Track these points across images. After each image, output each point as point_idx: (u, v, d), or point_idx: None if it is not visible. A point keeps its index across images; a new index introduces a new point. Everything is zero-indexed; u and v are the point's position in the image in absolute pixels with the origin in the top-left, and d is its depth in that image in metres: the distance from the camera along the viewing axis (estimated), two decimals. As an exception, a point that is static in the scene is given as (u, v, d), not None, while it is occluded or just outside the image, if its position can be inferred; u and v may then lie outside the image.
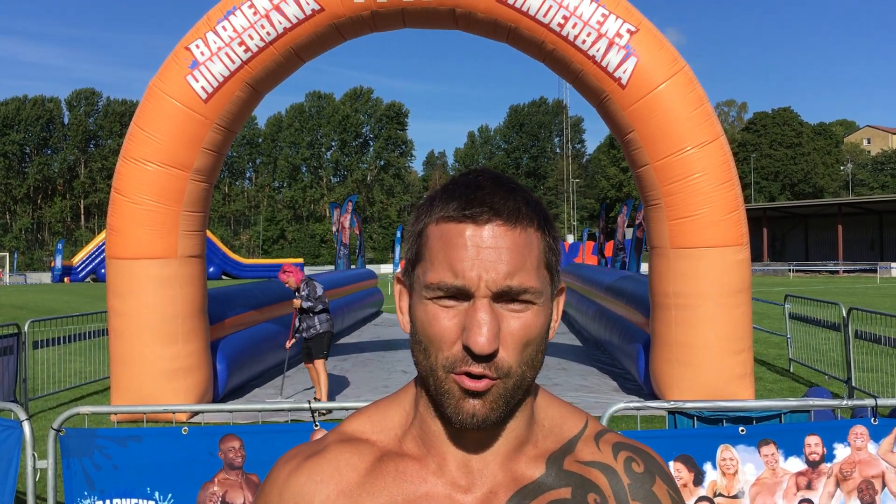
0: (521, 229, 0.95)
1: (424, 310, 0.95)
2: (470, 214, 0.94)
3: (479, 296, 0.92)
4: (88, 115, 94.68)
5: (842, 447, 3.64)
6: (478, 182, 0.97)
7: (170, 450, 3.76)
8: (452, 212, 0.95)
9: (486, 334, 0.90)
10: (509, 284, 0.92)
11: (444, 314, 0.93)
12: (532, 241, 0.96)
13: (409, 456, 1.01)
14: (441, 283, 0.93)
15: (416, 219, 1.01)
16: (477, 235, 0.93)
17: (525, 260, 0.94)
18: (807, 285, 37.60)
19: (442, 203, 0.97)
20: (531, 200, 0.98)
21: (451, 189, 0.98)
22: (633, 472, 1.04)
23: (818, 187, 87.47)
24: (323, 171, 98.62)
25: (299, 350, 12.67)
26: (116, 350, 8.86)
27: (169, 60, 8.85)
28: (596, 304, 15.35)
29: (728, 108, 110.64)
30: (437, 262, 0.94)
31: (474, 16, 8.75)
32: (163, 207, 8.77)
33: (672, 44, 8.73)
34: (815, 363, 11.62)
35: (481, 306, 0.91)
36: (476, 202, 0.94)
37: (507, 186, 0.98)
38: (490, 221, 0.93)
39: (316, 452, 1.05)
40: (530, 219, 0.96)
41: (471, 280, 0.91)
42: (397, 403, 1.07)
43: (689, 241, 8.54)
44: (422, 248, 0.98)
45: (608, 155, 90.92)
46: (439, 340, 0.93)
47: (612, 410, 3.98)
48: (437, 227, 0.96)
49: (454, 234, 0.94)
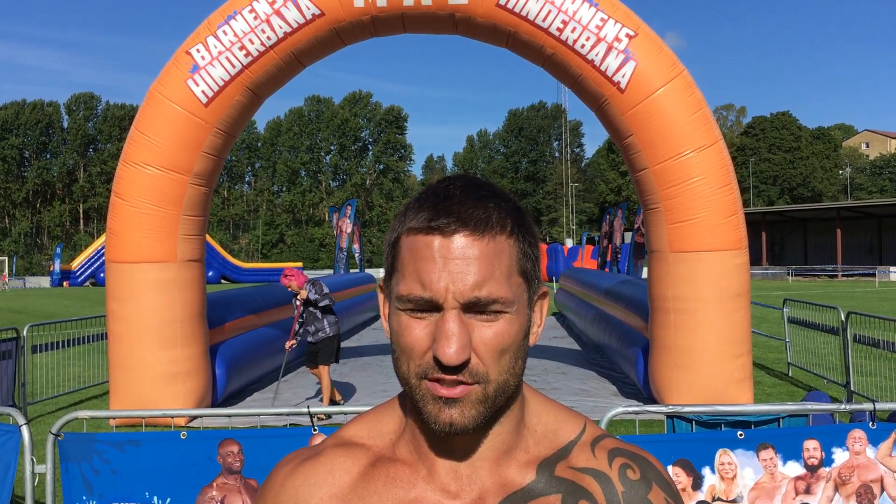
0: (490, 238, 0.94)
1: (398, 320, 0.96)
2: (437, 226, 0.94)
3: (448, 307, 0.92)
4: (87, 119, 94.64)
5: (840, 451, 3.65)
6: (447, 191, 0.97)
7: (168, 454, 3.76)
8: (421, 223, 0.95)
9: (455, 345, 0.90)
10: (477, 295, 0.92)
11: (416, 324, 0.94)
12: (502, 249, 0.95)
13: (401, 461, 1.02)
14: (410, 296, 0.93)
15: (391, 228, 1.01)
16: (444, 247, 0.93)
17: (494, 269, 0.93)
18: (806, 289, 37.61)
19: (413, 213, 0.97)
20: (504, 206, 0.97)
21: (422, 199, 0.98)
22: (627, 480, 1.04)
23: (817, 191, 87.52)
24: (322, 176, 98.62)
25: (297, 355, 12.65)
26: (115, 354, 8.85)
27: (170, 65, 8.86)
28: (595, 308, 15.35)
29: (727, 113, 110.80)
30: (407, 274, 0.95)
31: (473, 20, 8.77)
32: (162, 211, 8.78)
33: (672, 48, 8.76)
34: (814, 367, 11.62)
35: (450, 318, 0.92)
36: (443, 212, 0.94)
37: (477, 194, 0.97)
38: (457, 232, 0.93)
39: (312, 456, 1.06)
40: (501, 226, 0.95)
41: (438, 292, 0.92)
42: (392, 409, 1.08)
43: (688, 244, 8.55)
44: (395, 259, 0.98)
45: (607, 159, 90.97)
46: (411, 350, 0.94)
47: (610, 415, 3.98)
48: (407, 239, 0.96)
49: (422, 246, 0.94)
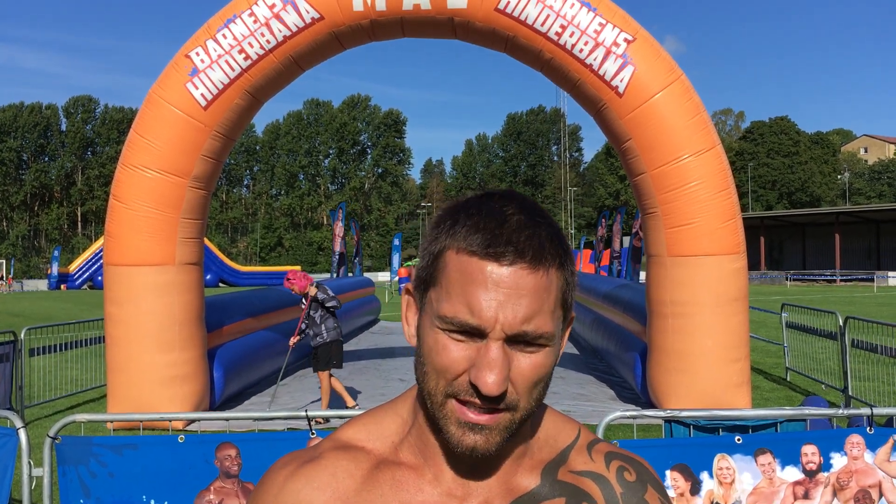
0: (544, 271, 0.92)
1: (435, 337, 0.93)
2: (494, 253, 0.91)
3: (494, 337, 0.90)
4: (86, 122, 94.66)
5: (838, 456, 3.65)
6: (504, 213, 0.94)
7: (166, 458, 3.75)
8: (476, 246, 0.92)
9: (496, 377, 0.89)
10: (525, 330, 0.91)
11: (455, 346, 0.92)
12: (552, 283, 0.94)
13: (406, 465, 1.01)
14: (455, 319, 0.91)
15: (434, 237, 0.97)
16: (498, 275, 0.90)
17: (543, 303, 0.92)
18: (804, 294, 37.63)
19: (466, 232, 0.93)
20: (554, 235, 0.95)
21: (475, 216, 0.94)
22: (625, 481, 1.05)
23: (815, 196, 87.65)
24: (321, 179, 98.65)
25: (296, 358, 12.66)
26: (113, 357, 8.84)
27: (169, 68, 8.87)
28: (593, 313, 15.35)
29: (725, 117, 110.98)
30: (454, 295, 0.92)
31: (472, 25, 8.78)
32: (161, 214, 8.78)
33: (671, 52, 8.77)
34: (812, 372, 11.62)
35: (495, 347, 0.90)
36: (501, 240, 0.91)
37: (533, 220, 0.94)
38: (514, 264, 0.91)
39: (312, 459, 1.04)
40: (553, 258, 0.93)
41: (487, 321, 0.90)
42: (393, 411, 1.07)
43: (686, 249, 8.55)
44: (438, 273, 0.95)
45: (605, 163, 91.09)
46: (445, 370, 0.92)
47: (608, 419, 3.98)
48: (457, 257, 0.93)
49: (475, 270, 0.91)
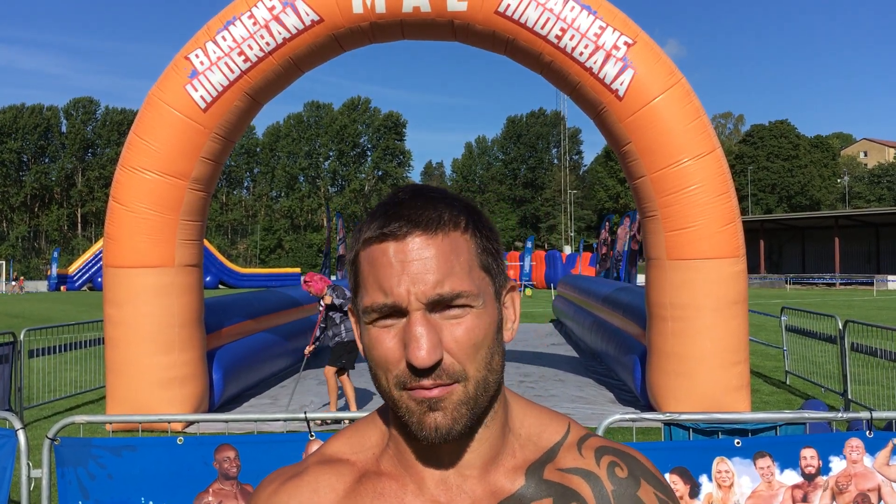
0: (443, 235, 0.94)
1: (368, 335, 0.95)
2: (389, 231, 0.93)
3: (412, 309, 0.91)
4: (86, 123, 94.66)
5: (838, 460, 3.64)
6: (397, 198, 0.97)
7: (165, 459, 3.75)
8: (374, 232, 0.95)
9: (425, 346, 0.89)
10: (439, 293, 0.92)
11: (385, 335, 0.93)
12: (459, 245, 0.95)
13: (388, 475, 1.01)
14: (374, 305, 0.93)
15: (350, 248, 1.01)
16: (400, 251, 0.93)
17: (453, 265, 0.93)
18: (803, 297, 37.64)
19: (366, 226, 0.97)
20: (456, 206, 0.98)
21: (374, 211, 0.98)
22: (616, 478, 1.03)
23: (815, 200, 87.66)
24: (321, 181, 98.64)
25: (296, 360, 12.65)
26: (112, 359, 8.84)
27: (168, 70, 8.88)
28: (592, 315, 15.35)
29: (725, 121, 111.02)
30: (368, 285, 0.94)
31: (472, 28, 8.79)
32: (160, 216, 8.78)
33: (673, 56, 8.78)
34: (812, 375, 11.62)
35: (415, 320, 0.91)
36: (394, 218, 0.94)
37: (426, 196, 0.97)
38: (410, 234, 0.93)
39: (296, 474, 1.04)
40: (454, 223, 0.95)
41: (400, 296, 0.91)
42: (374, 423, 1.07)
43: (686, 252, 8.55)
44: (357, 275, 0.98)
45: (605, 166, 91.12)
46: (385, 362, 0.93)
47: (607, 422, 3.97)
48: (364, 252, 0.96)
49: (378, 254, 0.94)
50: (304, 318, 14.61)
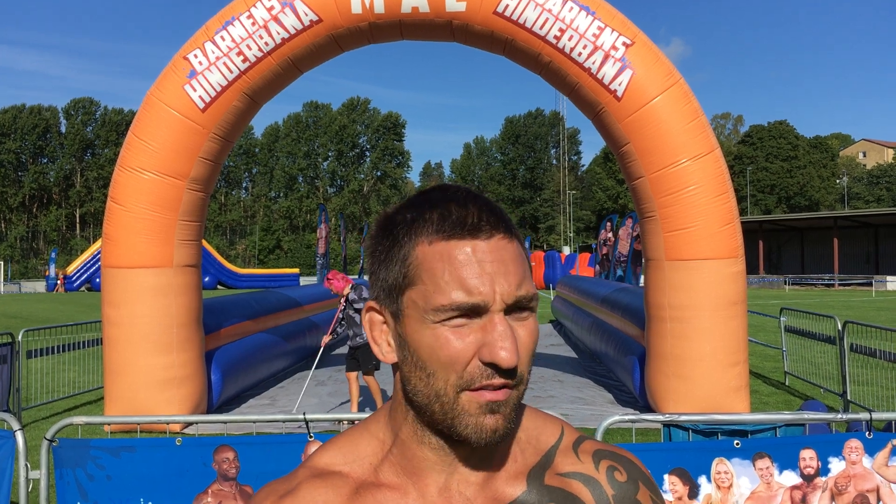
0: (517, 241, 0.95)
1: (433, 334, 0.91)
2: (472, 231, 0.92)
3: (496, 310, 0.90)
4: (85, 124, 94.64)
5: (837, 461, 3.64)
6: (458, 197, 0.95)
7: (163, 460, 3.75)
8: (450, 229, 0.92)
9: (510, 347, 0.89)
10: (520, 295, 0.91)
11: (456, 335, 0.90)
12: (523, 252, 0.96)
13: (387, 486, 0.98)
14: (454, 304, 0.90)
15: (391, 241, 0.96)
16: (482, 251, 0.91)
17: (526, 269, 0.94)
18: (802, 298, 37.66)
19: (433, 222, 0.93)
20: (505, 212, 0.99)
21: (432, 208, 0.95)
22: (616, 482, 1.03)
23: (814, 200, 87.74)
24: (319, 182, 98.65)
25: (295, 360, 12.62)
26: (111, 359, 8.83)
27: (167, 70, 8.87)
28: (591, 316, 15.35)
29: (724, 121, 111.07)
30: (442, 283, 0.90)
31: (471, 28, 8.78)
32: (159, 216, 8.77)
33: (678, 55, 8.81)
34: (811, 376, 11.62)
35: (500, 320, 0.90)
36: (473, 217, 0.92)
37: (488, 200, 0.97)
38: (493, 236, 0.92)
39: (289, 492, 1.00)
40: (516, 230, 0.97)
41: (487, 295, 0.90)
42: (368, 433, 1.04)
43: (685, 253, 8.55)
44: (414, 273, 0.93)
45: (604, 167, 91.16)
46: (454, 362, 0.90)
47: (607, 423, 3.97)
48: (432, 248, 0.92)
49: (457, 252, 0.91)
50: (303, 318, 14.61)
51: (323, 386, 11.80)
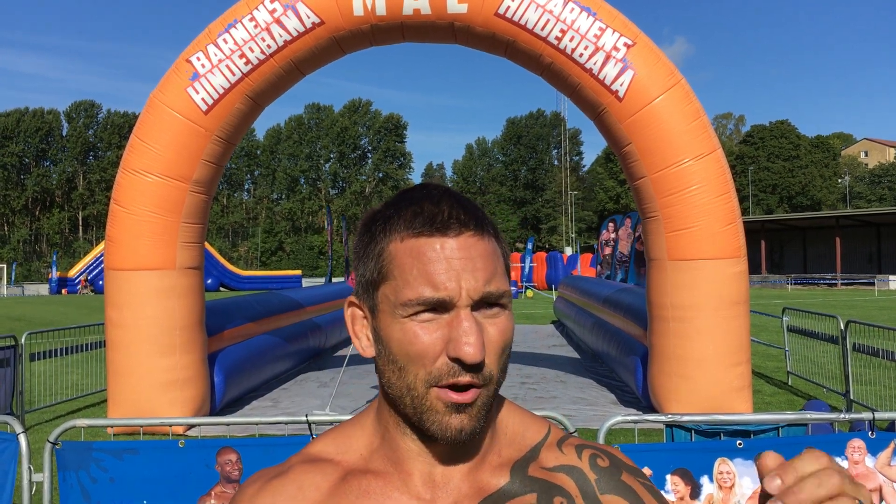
0: (488, 237, 0.97)
1: (402, 329, 0.94)
2: (440, 227, 0.94)
3: (462, 305, 0.92)
4: (87, 126, 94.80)
5: (839, 460, 3.64)
6: (432, 196, 0.98)
7: (166, 463, 3.75)
8: (421, 227, 0.94)
9: (475, 342, 0.90)
10: (489, 290, 0.93)
11: (424, 330, 0.93)
12: (495, 248, 0.97)
13: (374, 473, 1.02)
14: (420, 298, 0.92)
15: (369, 239, 0.99)
16: (451, 247, 0.93)
17: (496, 266, 0.96)
18: (805, 298, 37.62)
19: (406, 219, 0.96)
20: (482, 210, 1.00)
21: (408, 205, 0.98)
22: (598, 467, 1.04)
23: (816, 200, 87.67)
24: (321, 183, 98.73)
25: (299, 362, 12.60)
26: (114, 362, 8.84)
27: (170, 72, 8.88)
28: (594, 317, 15.34)
29: (726, 121, 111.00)
30: (411, 279, 0.93)
31: (472, 30, 8.79)
32: (162, 219, 8.78)
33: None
34: (814, 376, 11.61)
35: (465, 315, 0.91)
36: (443, 215, 0.95)
37: (462, 198, 0.99)
38: (462, 233, 0.94)
39: (280, 473, 1.05)
40: (490, 227, 0.98)
41: (452, 290, 0.91)
42: (360, 425, 1.08)
43: (687, 253, 8.55)
44: (387, 268, 0.96)
45: (605, 167, 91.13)
46: (422, 357, 0.92)
47: (609, 423, 3.97)
48: (403, 245, 0.95)
49: (426, 248, 0.93)
50: (305, 320, 14.62)
51: (325, 388, 11.81)
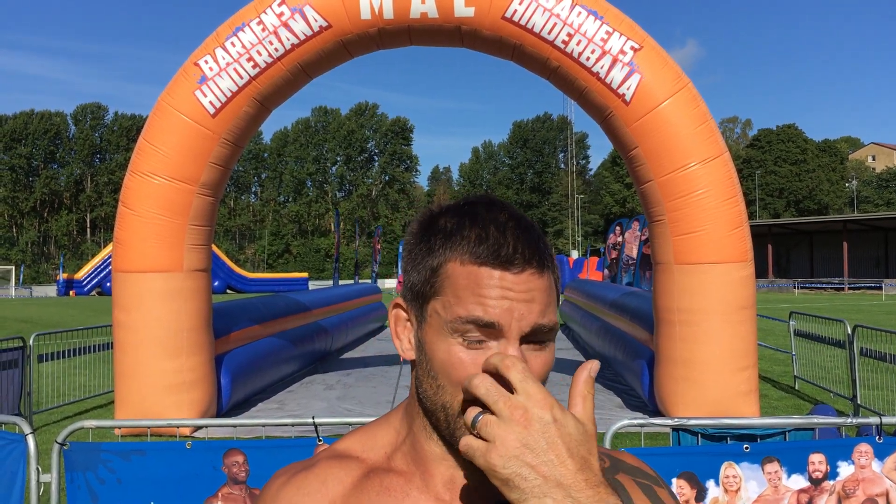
0: (548, 273, 0.97)
1: (448, 350, 0.94)
2: (504, 261, 0.94)
3: (511, 337, 0.92)
4: (94, 129, 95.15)
5: (846, 465, 3.64)
6: (499, 221, 0.97)
7: (174, 464, 3.77)
8: (484, 257, 0.94)
9: None
10: (540, 323, 0.93)
11: (469, 357, 0.93)
12: (551, 283, 0.98)
13: (396, 472, 1.04)
14: (471, 317, 0.92)
15: (427, 250, 0.99)
16: (511, 282, 0.93)
17: (551, 301, 0.96)
18: (812, 302, 37.50)
19: (468, 243, 0.95)
20: (543, 237, 1.00)
21: (472, 226, 0.97)
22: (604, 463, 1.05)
23: (823, 204, 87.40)
24: (328, 186, 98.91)
25: (304, 365, 12.57)
26: (121, 363, 8.87)
27: (178, 76, 8.92)
28: (600, 320, 15.32)
29: (732, 125, 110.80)
30: (464, 298, 0.93)
31: (479, 33, 8.80)
32: (169, 221, 8.82)
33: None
34: (821, 380, 11.57)
35: (514, 348, 0.92)
36: (508, 248, 0.94)
37: (527, 225, 0.98)
38: (524, 270, 0.94)
39: (306, 468, 1.09)
40: (550, 260, 0.98)
41: (504, 317, 0.92)
42: (387, 424, 1.10)
43: (694, 256, 8.54)
44: (440, 285, 0.96)
45: (611, 171, 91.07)
46: (462, 382, 0.91)
47: (615, 427, 3.97)
48: (463, 268, 0.95)
49: (485, 278, 0.93)
50: (311, 322, 14.64)
51: (332, 390, 11.83)
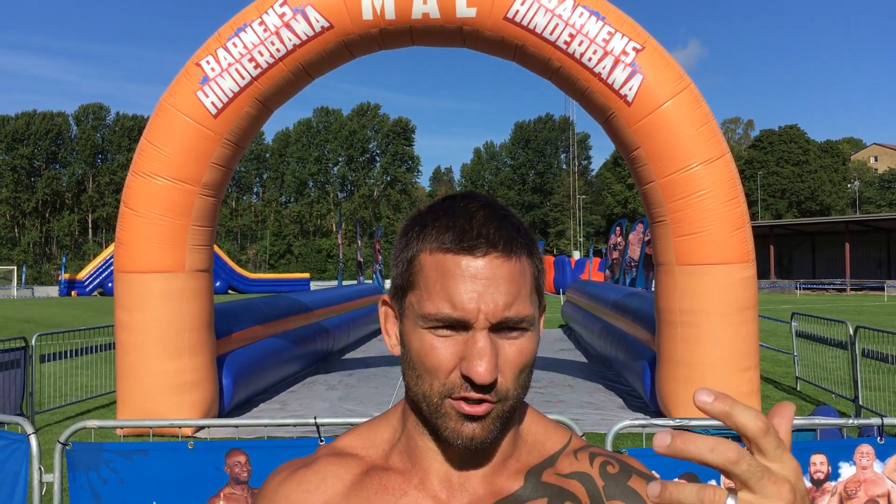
0: (516, 259, 0.96)
1: (420, 339, 0.96)
2: (467, 246, 0.94)
3: (479, 327, 0.93)
4: (96, 129, 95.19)
5: (847, 466, 3.64)
6: (470, 210, 0.98)
7: (176, 464, 3.77)
8: (449, 243, 0.95)
9: (486, 365, 0.91)
10: (508, 316, 0.93)
11: (441, 344, 0.94)
12: (525, 269, 0.97)
13: (394, 470, 1.04)
14: (439, 315, 0.93)
15: (405, 244, 1.01)
16: (475, 267, 0.94)
17: (521, 289, 0.95)
18: (814, 303, 37.47)
19: (436, 232, 0.97)
20: (521, 227, 1.00)
21: (442, 217, 0.98)
22: (607, 474, 1.05)
23: (825, 205, 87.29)
24: (330, 187, 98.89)
25: (306, 365, 12.59)
26: (123, 364, 8.88)
27: (180, 76, 8.93)
28: (602, 321, 15.32)
29: (734, 126, 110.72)
30: (434, 293, 0.94)
31: (481, 34, 8.81)
32: (171, 221, 8.82)
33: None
34: (822, 381, 11.57)
35: (480, 337, 0.92)
36: (472, 233, 0.95)
37: (499, 214, 0.98)
38: (488, 254, 0.94)
39: (306, 465, 1.09)
40: (522, 246, 0.97)
41: (470, 312, 0.92)
42: (386, 421, 1.10)
43: (695, 257, 8.54)
44: (415, 277, 0.98)
45: (613, 172, 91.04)
46: (436, 370, 0.94)
47: (617, 428, 3.97)
48: (431, 258, 0.96)
49: (451, 266, 0.94)
50: (313, 323, 14.65)
51: (333, 390, 11.83)
